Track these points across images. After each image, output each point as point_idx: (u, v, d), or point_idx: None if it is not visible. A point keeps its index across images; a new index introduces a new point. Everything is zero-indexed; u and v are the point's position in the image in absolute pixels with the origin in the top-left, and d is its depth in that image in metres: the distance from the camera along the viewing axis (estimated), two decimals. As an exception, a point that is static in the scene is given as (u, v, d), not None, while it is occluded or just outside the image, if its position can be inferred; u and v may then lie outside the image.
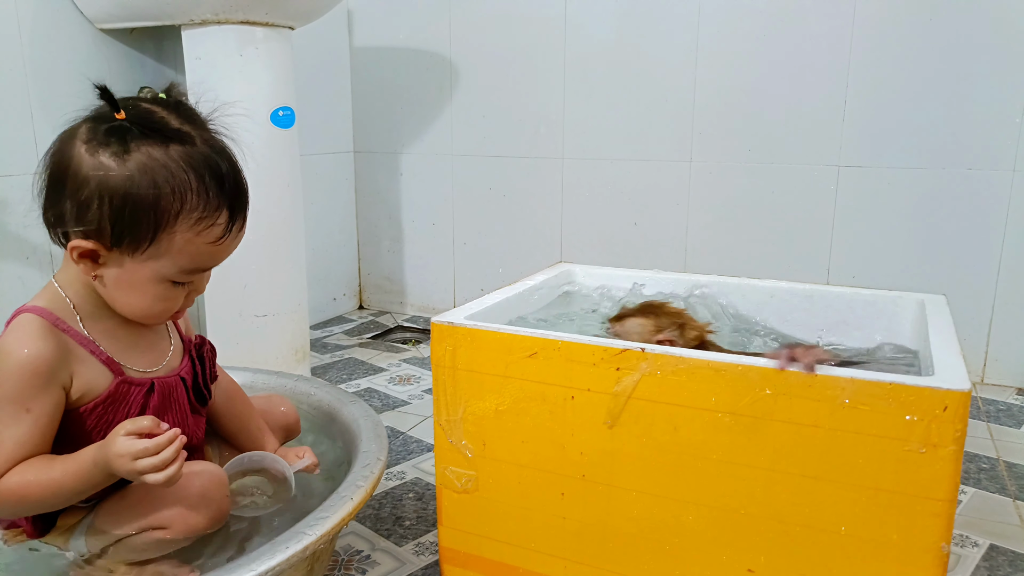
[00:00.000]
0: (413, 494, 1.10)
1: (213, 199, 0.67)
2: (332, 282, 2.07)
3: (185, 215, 0.66)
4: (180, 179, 0.65)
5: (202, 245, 0.68)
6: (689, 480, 0.74)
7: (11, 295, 1.26)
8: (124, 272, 0.68)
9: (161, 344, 0.78)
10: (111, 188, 0.64)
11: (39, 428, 0.67)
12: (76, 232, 0.66)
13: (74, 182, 0.65)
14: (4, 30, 1.23)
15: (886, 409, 0.64)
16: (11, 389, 0.66)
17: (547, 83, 1.82)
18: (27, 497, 0.67)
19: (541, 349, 0.78)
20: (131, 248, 0.66)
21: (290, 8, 1.32)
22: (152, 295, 0.69)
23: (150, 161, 0.65)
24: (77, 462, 0.67)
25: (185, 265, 0.69)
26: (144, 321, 0.73)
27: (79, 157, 0.65)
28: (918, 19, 1.47)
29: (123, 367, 0.73)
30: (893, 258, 1.57)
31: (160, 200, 0.65)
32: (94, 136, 0.65)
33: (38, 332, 0.68)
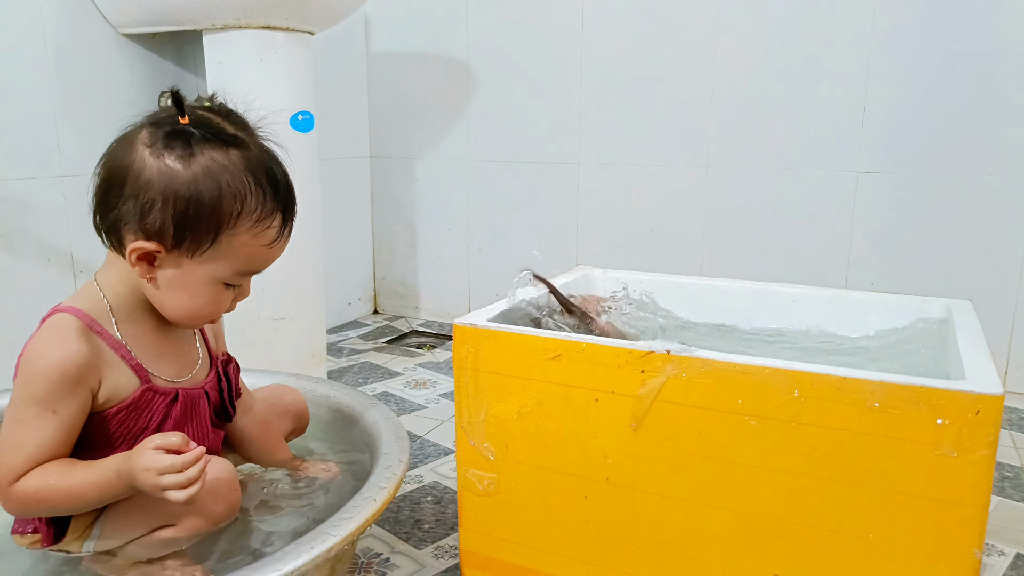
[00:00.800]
0: (431, 497, 1.09)
1: (269, 202, 0.69)
2: (347, 286, 2.07)
3: (244, 217, 0.68)
4: (241, 182, 0.67)
5: (257, 247, 0.70)
6: (715, 484, 0.73)
7: (32, 297, 1.26)
8: (180, 274, 0.69)
9: (191, 355, 0.79)
10: (176, 190, 0.66)
11: (63, 431, 0.67)
12: (137, 234, 0.67)
13: (136, 184, 0.66)
14: (29, 35, 1.24)
15: (916, 413, 0.64)
16: (39, 389, 0.66)
17: (564, 88, 1.82)
18: (44, 501, 0.67)
19: (565, 351, 0.77)
20: (191, 250, 0.68)
21: (311, 13, 1.33)
22: (205, 297, 0.71)
23: (213, 164, 0.67)
24: (99, 471, 0.67)
25: (240, 267, 0.70)
26: (188, 323, 0.74)
27: (142, 160, 0.66)
28: (938, 24, 1.46)
29: (151, 374, 0.73)
30: (912, 265, 1.55)
31: (222, 202, 0.67)
32: (156, 140, 0.67)
33: (72, 334, 0.68)
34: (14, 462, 0.66)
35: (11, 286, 1.23)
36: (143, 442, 0.66)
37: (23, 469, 0.66)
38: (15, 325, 1.24)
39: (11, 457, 0.66)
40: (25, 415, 0.66)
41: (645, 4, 1.70)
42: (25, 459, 0.66)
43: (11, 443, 0.66)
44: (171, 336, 0.76)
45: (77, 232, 1.32)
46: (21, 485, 0.66)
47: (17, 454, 0.66)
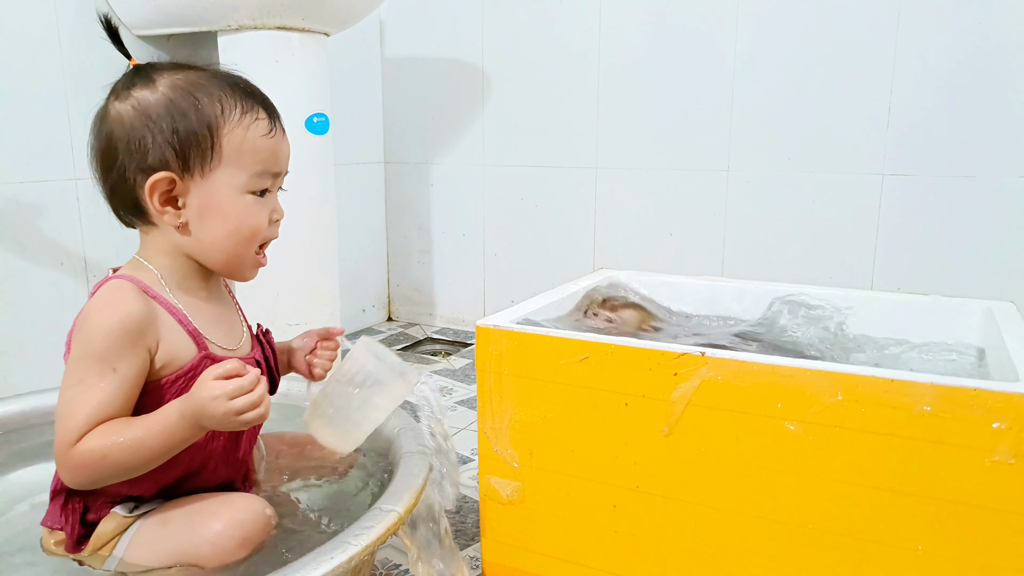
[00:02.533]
0: (451, 506, 1.06)
1: (245, 98, 0.69)
2: (361, 293, 2.05)
3: (228, 113, 0.68)
4: (210, 87, 0.68)
5: (256, 140, 0.69)
6: (752, 492, 0.70)
7: (45, 300, 1.25)
8: (204, 199, 0.68)
9: (238, 326, 0.77)
10: (155, 114, 0.66)
11: (123, 390, 0.65)
12: (146, 176, 0.66)
13: (123, 135, 0.67)
14: (43, 37, 1.23)
15: (970, 416, 0.60)
16: (98, 348, 0.64)
17: (581, 92, 1.80)
18: (108, 457, 0.64)
19: (593, 353, 0.75)
20: (199, 164, 0.67)
21: (326, 13, 1.32)
22: (238, 213, 0.69)
23: (178, 80, 0.68)
24: (161, 417, 0.64)
25: (254, 167, 0.69)
26: (237, 256, 0.71)
27: (116, 112, 0.67)
28: (964, 23, 1.43)
29: (208, 341, 0.71)
30: (940, 268, 1.52)
31: (201, 106, 0.67)
32: (118, 89, 0.68)
33: (129, 293, 0.67)
34: (73, 423, 0.63)
35: (25, 288, 1.21)
36: (201, 376, 0.64)
37: (83, 430, 0.63)
38: (29, 327, 1.22)
39: (70, 419, 0.64)
40: (85, 375, 0.64)
41: (663, 6, 1.67)
42: (85, 419, 0.63)
43: (71, 405, 0.64)
44: (219, 306, 0.75)
45: (90, 235, 1.30)
46: (83, 445, 0.63)
47: (77, 415, 0.64)
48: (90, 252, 1.31)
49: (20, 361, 1.22)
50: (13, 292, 1.20)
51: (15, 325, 1.21)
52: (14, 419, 0.97)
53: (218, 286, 0.77)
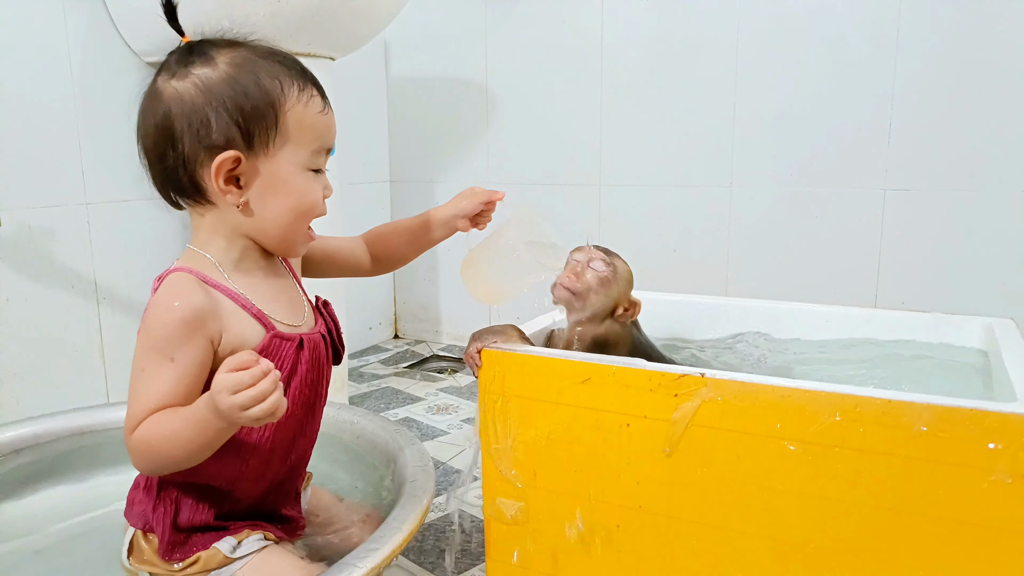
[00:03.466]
0: (456, 526, 1.07)
1: (298, 75, 0.70)
2: (368, 311, 2.07)
3: (287, 91, 0.68)
4: (267, 65, 0.68)
5: (313, 116, 0.70)
6: (753, 512, 0.70)
7: (57, 322, 1.26)
8: (267, 176, 0.68)
9: (299, 301, 0.77)
10: (220, 93, 0.66)
11: (182, 380, 0.65)
12: (210, 155, 0.66)
13: (184, 115, 0.66)
14: (55, 65, 1.25)
15: (967, 436, 0.61)
16: (156, 338, 0.65)
17: (583, 110, 1.81)
18: (152, 446, 0.65)
19: (595, 375, 0.75)
20: (263, 143, 0.67)
21: (331, 38, 1.34)
22: (298, 189, 0.70)
23: (237, 57, 0.67)
24: (194, 407, 0.64)
25: (312, 143, 0.70)
26: (294, 233, 0.72)
27: (174, 92, 0.66)
28: (964, 40, 1.44)
29: (273, 321, 0.71)
30: (944, 283, 1.52)
31: (263, 84, 0.67)
32: (174, 69, 0.67)
33: (189, 284, 0.67)
34: (134, 410, 0.65)
35: (37, 311, 1.23)
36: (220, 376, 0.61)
37: (142, 416, 0.65)
38: (41, 349, 1.24)
39: (132, 405, 0.66)
40: (145, 364, 0.66)
41: (665, 24, 1.69)
42: (142, 407, 0.65)
43: (133, 393, 0.66)
44: (279, 282, 0.75)
45: (101, 258, 1.32)
46: (138, 432, 0.65)
47: (137, 402, 0.65)
48: (100, 275, 1.32)
49: (32, 383, 1.24)
50: (26, 314, 1.22)
51: (27, 347, 1.23)
52: (26, 441, 0.98)
53: (275, 261, 0.76)
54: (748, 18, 1.61)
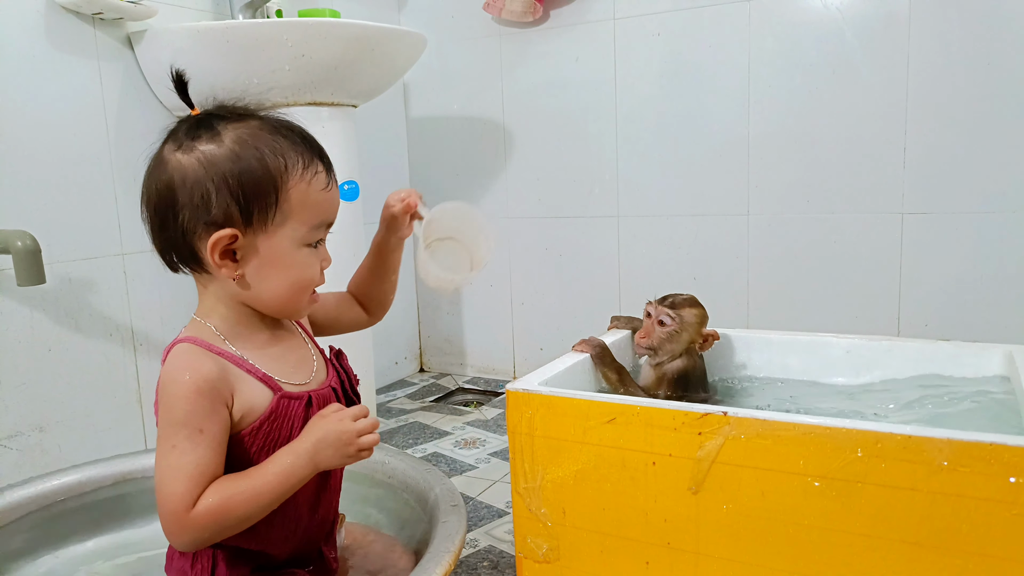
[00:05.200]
0: (488, 563, 1.09)
1: (305, 151, 0.70)
2: (393, 346, 2.10)
3: (291, 168, 0.68)
4: (273, 141, 0.68)
5: (316, 194, 0.70)
6: (780, 547, 0.72)
7: (96, 369, 1.31)
8: (264, 253, 0.69)
9: (307, 357, 0.78)
10: (222, 169, 0.66)
11: (215, 449, 0.66)
12: (208, 231, 0.67)
13: (185, 187, 0.67)
14: (92, 123, 1.31)
15: (987, 471, 0.62)
16: (181, 413, 0.66)
17: (599, 143, 1.85)
18: (231, 511, 0.65)
19: (620, 414, 0.77)
20: (262, 220, 0.68)
21: (353, 88, 1.39)
22: (296, 265, 0.70)
23: (242, 134, 0.68)
24: (278, 463, 0.67)
25: (312, 220, 0.70)
26: (292, 305, 0.73)
27: (179, 164, 0.67)
28: (977, 60, 1.46)
29: (280, 383, 0.72)
30: (967, 306, 1.52)
31: (268, 162, 0.67)
32: (180, 140, 0.68)
33: (196, 356, 0.68)
34: (181, 489, 0.65)
35: (77, 360, 1.28)
36: (322, 416, 0.69)
37: (195, 492, 0.65)
38: (81, 397, 1.29)
39: (175, 484, 0.65)
40: (176, 440, 0.65)
41: (677, 57, 1.73)
42: (190, 482, 0.65)
43: (170, 472, 0.65)
44: (284, 342, 0.76)
45: (137, 306, 1.37)
46: (201, 506, 0.65)
47: (180, 479, 0.65)
48: (137, 323, 1.37)
49: (73, 430, 1.28)
50: (66, 363, 1.27)
51: (69, 395, 1.27)
52: (72, 491, 1.02)
53: (280, 320, 0.77)
54: (759, 48, 1.64)
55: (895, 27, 1.51)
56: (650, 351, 1.07)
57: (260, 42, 1.24)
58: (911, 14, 1.49)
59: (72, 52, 1.28)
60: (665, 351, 1.05)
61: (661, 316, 1.05)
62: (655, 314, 1.06)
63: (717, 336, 1.07)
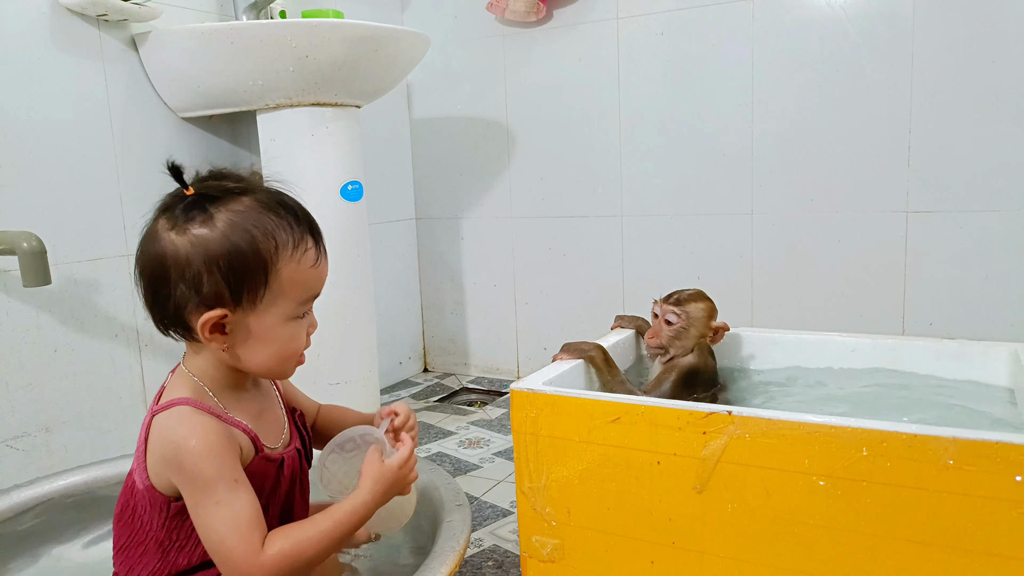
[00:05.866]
0: (492, 562, 1.09)
1: (296, 228, 0.72)
2: (397, 346, 2.10)
3: (282, 249, 0.70)
4: (265, 221, 0.70)
5: (305, 271, 0.72)
6: (785, 546, 0.71)
7: (102, 370, 1.31)
8: (252, 329, 0.71)
9: (280, 419, 0.80)
10: (214, 253, 0.68)
11: (253, 494, 0.69)
12: (199, 309, 0.69)
13: (178, 268, 0.69)
14: (97, 124, 1.32)
15: (994, 469, 0.62)
16: (212, 470, 0.67)
17: (603, 143, 1.85)
18: (303, 555, 0.68)
19: (624, 414, 0.77)
20: (251, 300, 0.70)
21: (358, 88, 1.39)
22: (283, 338, 0.72)
23: (234, 216, 0.69)
24: (347, 508, 0.72)
25: (300, 296, 0.72)
26: (280, 372, 0.75)
27: (172, 244, 0.69)
28: (980, 58, 1.45)
29: (263, 444, 0.75)
30: (972, 305, 1.52)
31: (258, 245, 0.69)
32: (175, 220, 0.70)
33: (202, 418, 0.70)
34: (245, 534, 0.66)
35: (82, 360, 1.28)
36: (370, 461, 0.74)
37: (260, 537, 0.67)
38: (87, 397, 1.29)
39: (238, 532, 0.66)
40: (218, 496, 0.67)
41: (680, 56, 1.73)
42: (251, 528, 0.67)
43: (228, 525, 0.66)
44: (263, 402, 0.78)
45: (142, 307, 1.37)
46: (272, 550, 0.66)
47: (241, 527, 0.66)
48: (142, 324, 1.37)
49: (78, 431, 1.28)
50: (71, 364, 1.27)
51: (75, 395, 1.28)
52: (78, 491, 1.02)
53: (262, 381, 0.80)
54: (762, 46, 1.64)
55: (899, 25, 1.51)
56: (660, 350, 1.07)
57: (264, 43, 1.24)
58: (915, 12, 1.49)
59: (77, 54, 1.28)
60: (675, 348, 1.05)
61: (667, 314, 1.05)
62: (661, 313, 1.07)
63: (727, 328, 1.06)
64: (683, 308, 1.04)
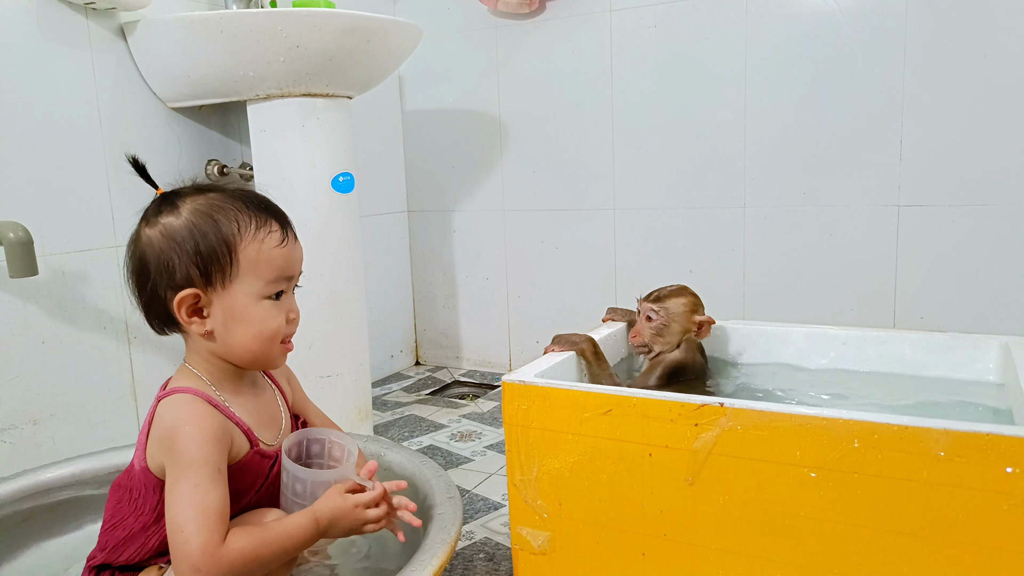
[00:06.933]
0: (483, 555, 1.08)
1: (259, 213, 0.76)
2: (389, 339, 2.10)
3: (244, 229, 0.75)
4: (227, 208, 0.75)
5: (271, 251, 0.75)
6: (776, 538, 0.71)
7: (90, 363, 1.30)
8: (226, 308, 0.74)
9: (278, 416, 0.83)
10: (180, 237, 0.73)
11: (227, 492, 0.71)
12: (173, 292, 0.73)
13: (154, 258, 0.74)
14: (84, 113, 1.30)
15: (984, 461, 0.62)
16: (201, 453, 0.70)
17: (596, 135, 1.84)
18: (259, 556, 0.69)
19: (616, 406, 0.77)
20: (220, 279, 0.74)
21: (349, 79, 1.38)
22: (259, 317, 0.75)
23: (198, 205, 0.75)
24: (298, 523, 0.72)
25: (269, 275, 0.75)
26: (264, 356, 0.77)
27: (147, 238, 0.75)
28: (972, 54, 1.45)
29: (258, 439, 0.77)
30: (963, 298, 1.52)
31: (220, 227, 0.74)
32: (148, 216, 0.76)
33: (201, 407, 0.73)
34: (210, 524, 0.67)
35: (71, 353, 1.27)
36: (334, 491, 0.74)
37: (222, 531, 0.68)
38: (75, 390, 1.28)
39: (205, 520, 0.67)
40: (198, 479, 0.69)
41: (673, 49, 1.72)
42: (218, 520, 0.68)
43: (196, 511, 0.67)
44: (261, 398, 0.81)
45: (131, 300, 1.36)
46: (234, 546, 0.68)
47: (209, 517, 0.68)
48: (131, 315, 1.36)
49: (66, 423, 1.27)
50: (60, 357, 1.26)
51: (63, 388, 1.27)
52: (65, 482, 1.01)
53: (256, 377, 0.83)
54: (755, 39, 1.63)
55: (892, 19, 1.51)
56: (643, 348, 1.07)
57: (254, 32, 1.23)
58: (908, 6, 1.49)
59: (64, 43, 1.27)
60: (659, 345, 1.04)
61: (647, 312, 1.05)
62: (642, 311, 1.07)
63: (712, 321, 1.05)
64: (662, 304, 1.04)
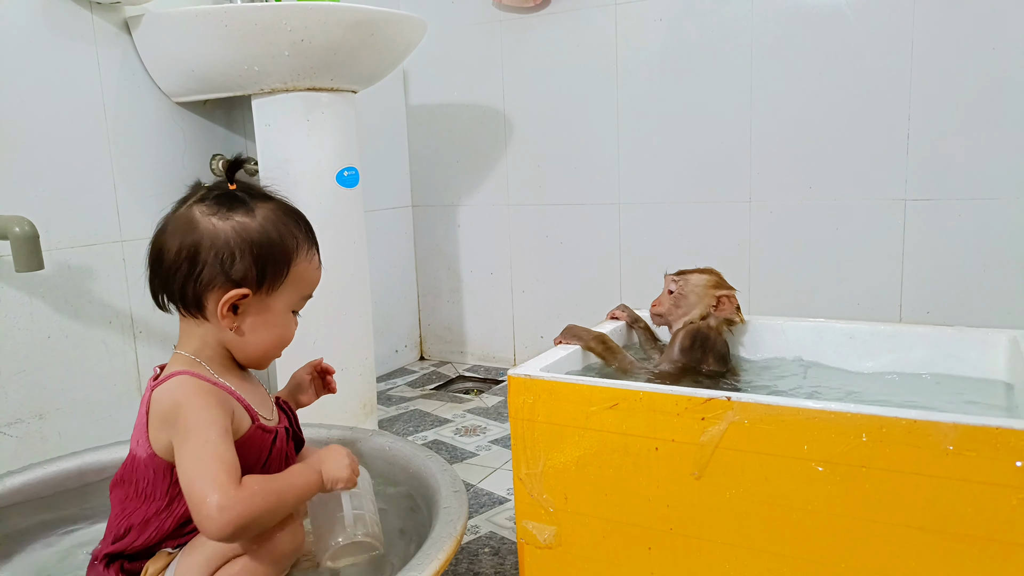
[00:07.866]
0: (489, 549, 1.08)
1: (307, 235, 0.83)
2: (394, 334, 2.10)
3: (300, 247, 0.81)
4: (288, 223, 0.81)
5: (310, 271, 0.83)
6: (783, 532, 0.71)
7: (95, 357, 1.30)
8: (262, 311, 0.80)
9: (267, 399, 0.87)
10: (252, 238, 0.78)
11: (235, 450, 0.73)
12: (225, 287, 0.77)
13: (214, 248, 0.76)
14: (90, 109, 1.30)
15: (994, 455, 0.62)
16: (208, 415, 0.73)
17: (600, 130, 1.84)
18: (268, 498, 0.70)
19: (623, 400, 0.77)
20: (271, 286, 0.79)
21: (354, 73, 1.37)
22: (282, 326, 0.82)
23: (270, 214, 0.80)
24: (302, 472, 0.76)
25: (303, 291, 0.83)
26: (265, 359, 0.83)
27: (212, 227, 0.77)
28: (980, 46, 1.44)
29: (258, 415, 0.81)
30: (970, 293, 1.51)
31: (285, 240, 0.80)
32: (217, 208, 0.78)
33: (201, 385, 0.76)
34: (227, 468, 0.69)
35: (77, 347, 1.27)
36: (333, 450, 0.80)
37: (237, 475, 0.70)
38: (81, 384, 1.28)
39: (221, 464, 0.69)
40: (209, 436, 0.71)
41: (678, 42, 1.71)
42: (232, 468, 0.70)
43: (212, 458, 0.69)
44: (251, 383, 0.85)
45: (136, 293, 1.36)
46: (250, 482, 0.70)
47: (225, 463, 0.69)
48: (136, 310, 1.37)
49: (72, 417, 1.28)
50: (66, 351, 1.26)
51: (68, 382, 1.27)
52: (71, 477, 1.02)
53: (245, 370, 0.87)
54: (761, 32, 1.63)
55: (899, 12, 1.50)
56: (658, 318, 1.11)
57: (259, 26, 1.23)
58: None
59: (69, 37, 1.27)
60: (677, 316, 1.07)
61: (669, 284, 1.10)
62: (665, 284, 1.11)
63: (732, 293, 1.04)
64: (684, 276, 1.09)
